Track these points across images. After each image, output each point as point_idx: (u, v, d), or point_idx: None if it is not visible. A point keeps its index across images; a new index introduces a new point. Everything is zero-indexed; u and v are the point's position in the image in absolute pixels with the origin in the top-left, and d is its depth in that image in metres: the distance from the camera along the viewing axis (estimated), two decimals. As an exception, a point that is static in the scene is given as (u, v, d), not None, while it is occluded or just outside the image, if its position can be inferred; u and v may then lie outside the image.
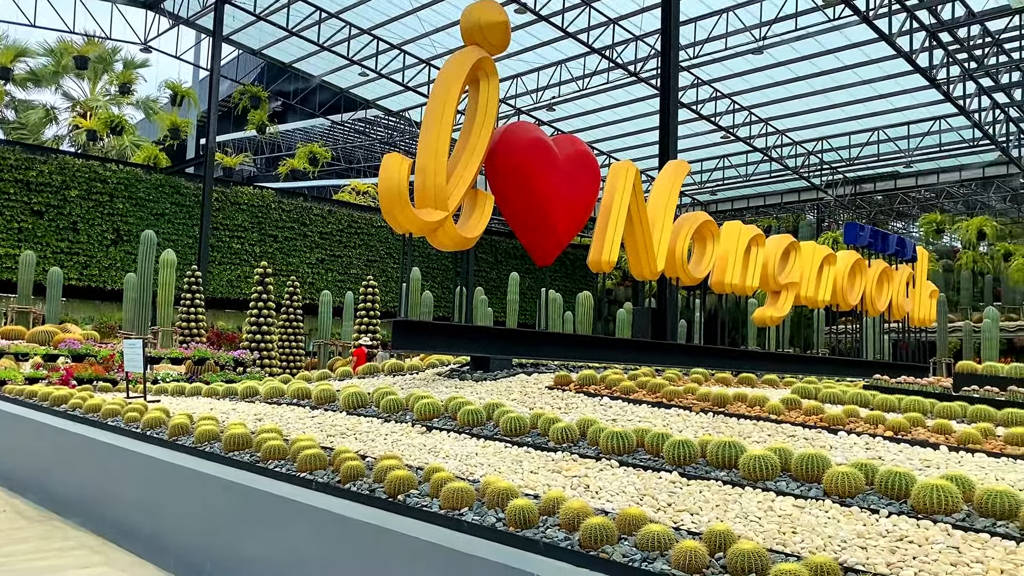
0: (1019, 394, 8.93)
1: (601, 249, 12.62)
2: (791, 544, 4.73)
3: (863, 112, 31.44)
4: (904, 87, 28.19)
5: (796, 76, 28.91)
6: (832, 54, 26.67)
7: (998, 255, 37.11)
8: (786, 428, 7.47)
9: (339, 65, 32.84)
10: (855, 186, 39.18)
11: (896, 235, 20.15)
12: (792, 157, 36.36)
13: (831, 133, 34.46)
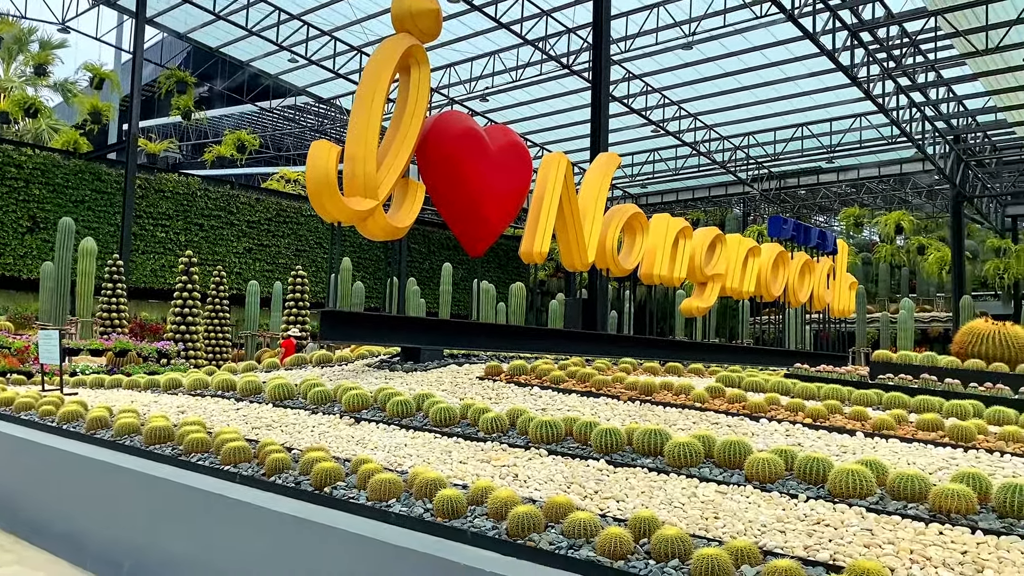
0: (931, 382, 9.30)
1: (533, 240, 12.66)
2: (713, 529, 4.84)
3: (788, 108, 32.23)
4: (827, 85, 29.00)
5: (724, 72, 29.46)
6: (759, 51, 27.25)
7: (914, 248, 38.57)
8: (710, 416, 7.63)
9: (268, 51, 32.12)
10: (780, 181, 40.18)
11: (817, 228, 20.74)
12: (720, 152, 37.08)
13: (757, 129, 35.24)
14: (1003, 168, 36.10)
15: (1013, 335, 10.18)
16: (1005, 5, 21.30)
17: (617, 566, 4.33)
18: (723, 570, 4.07)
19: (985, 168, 35.00)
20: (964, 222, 34.29)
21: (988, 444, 6.62)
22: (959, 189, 31.99)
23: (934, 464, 6.10)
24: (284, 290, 26.65)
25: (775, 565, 4.01)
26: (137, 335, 22.99)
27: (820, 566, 4.27)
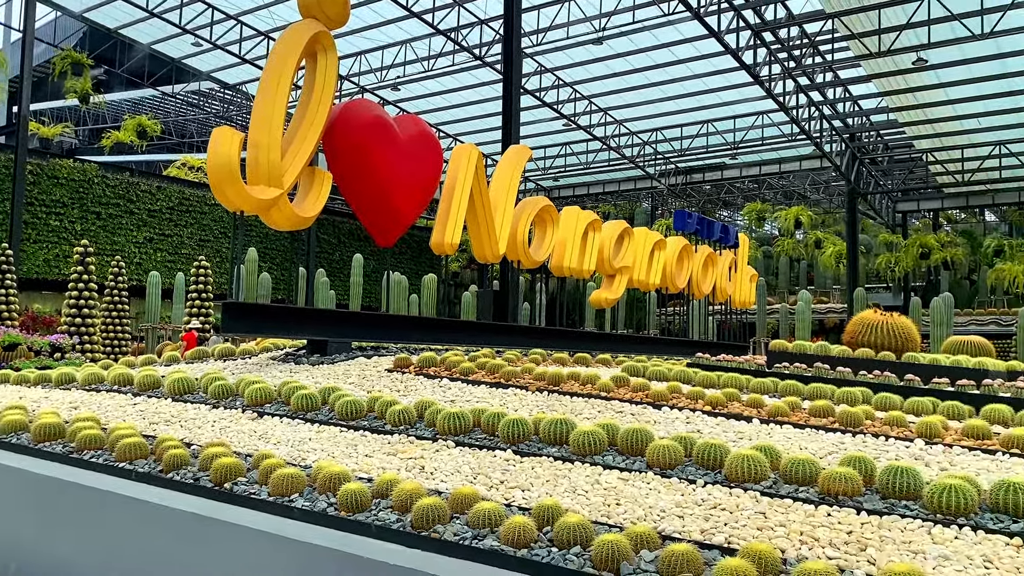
0: (824, 370, 9.72)
1: (444, 231, 12.62)
2: (615, 515, 4.94)
3: (694, 105, 33.04)
4: (731, 82, 29.84)
5: (633, 68, 29.97)
6: (667, 48, 27.83)
7: (812, 243, 40.17)
8: (615, 404, 7.78)
9: (171, 33, 30.94)
10: (686, 176, 41.19)
11: (720, 223, 21.38)
12: (629, 147, 37.73)
13: (665, 124, 36.00)
14: (894, 166, 37.97)
15: (900, 325, 10.73)
16: (896, 10, 22.35)
17: (520, 554, 4.37)
18: (623, 555, 4.16)
19: (878, 166, 36.72)
20: (858, 217, 35.91)
21: (874, 429, 6.96)
22: (854, 186, 33.46)
23: (824, 449, 6.38)
24: (187, 282, 25.83)
25: (672, 549, 4.12)
26: (29, 328, 21.89)
27: (716, 549, 4.41)
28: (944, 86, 26.72)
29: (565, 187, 44.96)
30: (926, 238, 35.87)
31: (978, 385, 9.14)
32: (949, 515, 4.85)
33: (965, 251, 36.50)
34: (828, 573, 3.81)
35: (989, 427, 6.92)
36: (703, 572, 4.08)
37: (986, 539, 4.58)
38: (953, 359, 10.28)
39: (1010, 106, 28.11)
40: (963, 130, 30.90)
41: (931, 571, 4.15)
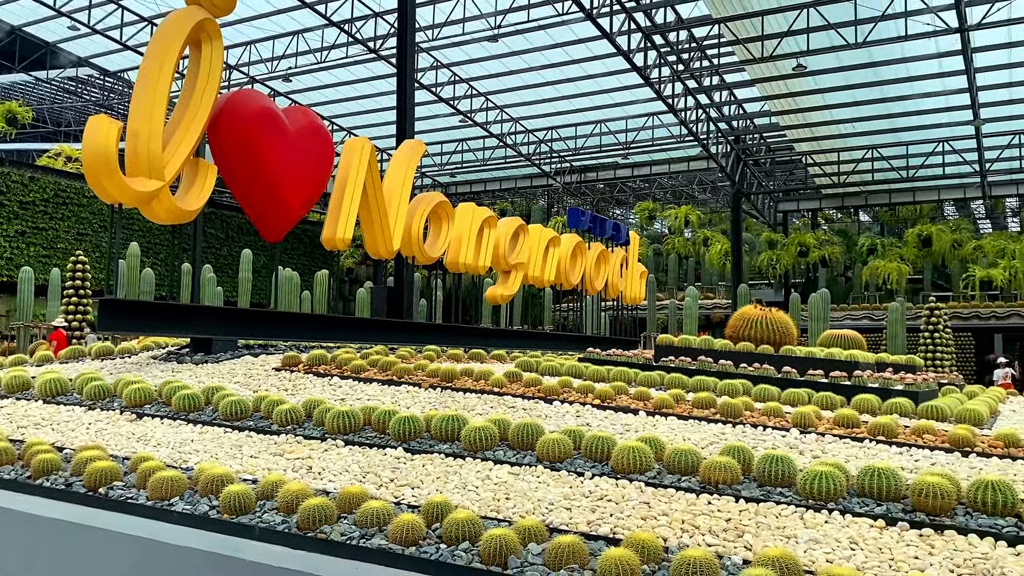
0: (707, 363, 10.06)
1: (336, 226, 12.41)
2: (504, 510, 4.97)
3: (588, 105, 33.59)
4: (623, 84, 30.49)
5: (529, 67, 30.21)
6: (561, 48, 28.18)
7: (699, 241, 41.54)
8: (508, 400, 7.84)
9: (44, 15, 29.20)
10: (581, 174, 41.84)
11: (613, 220, 21.83)
12: (525, 144, 38.04)
13: (560, 123, 36.46)
14: (776, 168, 39.66)
15: (778, 320, 11.22)
16: (778, 18, 23.33)
17: (409, 552, 4.35)
18: (510, 549, 4.19)
19: (761, 167, 38.27)
20: (742, 217, 37.32)
21: (753, 419, 7.25)
22: (738, 186, 34.76)
23: (707, 439, 6.60)
24: (63, 277, 24.46)
25: (559, 541, 4.18)
26: None
27: (601, 540, 4.51)
28: (822, 92, 28.07)
29: (462, 183, 44.95)
30: (805, 237, 37.63)
31: (849, 376, 9.65)
32: (820, 500, 5.11)
33: (841, 249, 38.48)
34: (707, 559, 3.95)
35: (858, 416, 7.32)
36: (589, 563, 4.16)
37: (853, 522, 4.84)
38: (827, 352, 10.83)
39: (882, 112, 29.79)
40: (839, 134, 32.56)
41: (802, 554, 4.35)
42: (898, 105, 28.97)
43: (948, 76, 25.48)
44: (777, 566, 3.90)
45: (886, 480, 5.16)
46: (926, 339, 25.73)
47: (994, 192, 35.09)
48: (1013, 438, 6.67)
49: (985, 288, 32.88)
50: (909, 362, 12.53)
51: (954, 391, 11.31)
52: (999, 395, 12.35)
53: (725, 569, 4.11)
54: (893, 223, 43.92)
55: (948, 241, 35.92)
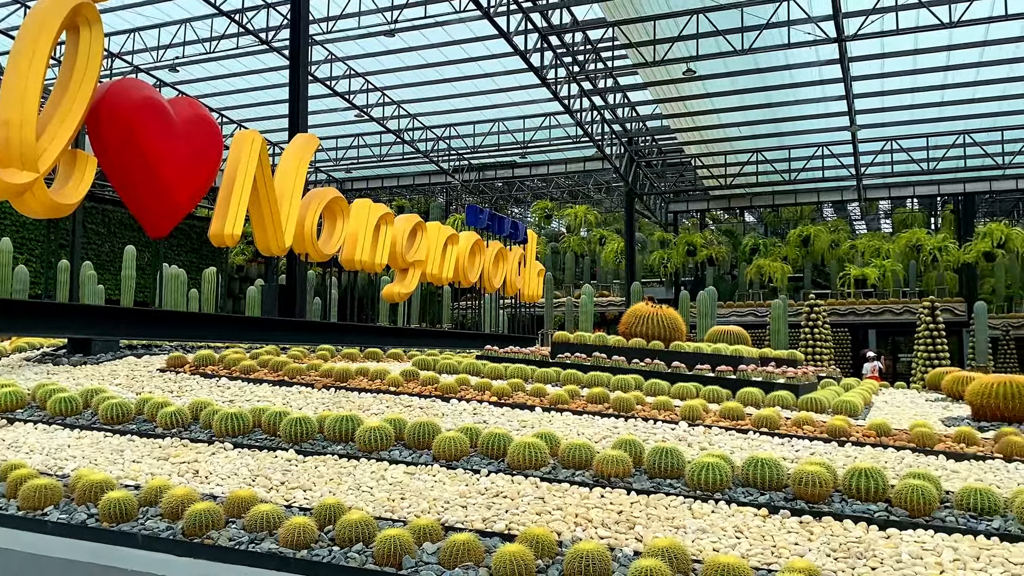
0: (601, 359, 10.25)
1: (224, 221, 11.98)
2: (400, 510, 4.93)
3: (486, 103, 33.65)
4: (521, 83, 30.67)
5: (427, 63, 30.01)
6: (459, 45, 28.12)
7: (595, 240, 42.30)
8: (404, 399, 7.77)
9: (-101, -9, 27.10)
10: (479, 172, 41.90)
11: (511, 219, 21.94)
12: (423, 141, 37.80)
13: (458, 121, 36.39)
14: (667, 169, 40.75)
15: (668, 316, 11.54)
16: (670, 23, 23.98)
17: (300, 555, 4.25)
18: (405, 549, 4.16)
19: (653, 169, 39.25)
20: (635, 217, 38.20)
21: (644, 413, 7.43)
22: (631, 187, 35.56)
23: (600, 433, 6.73)
24: (-77, 274, 22.80)
25: (454, 540, 4.17)
26: None
27: (497, 536, 4.52)
28: (710, 96, 29.01)
29: (358, 179, 44.28)
30: (693, 237, 38.84)
31: (735, 370, 10.02)
32: (707, 491, 5.28)
33: (727, 249, 39.90)
34: (599, 552, 4.02)
35: (743, 409, 7.60)
36: (484, 560, 4.16)
37: (738, 511, 5.03)
38: (714, 347, 11.21)
39: (766, 117, 31.03)
40: (726, 138, 33.73)
41: (690, 544, 4.49)
42: (781, 110, 30.24)
43: (827, 84, 26.76)
44: (666, 556, 4.01)
45: (769, 470, 5.38)
46: (806, 335, 26.99)
47: (868, 195, 37.08)
48: (884, 428, 7.07)
49: (860, 286, 34.74)
50: (791, 357, 13.12)
51: (832, 384, 11.90)
52: (873, 387, 13.08)
53: (617, 561, 4.19)
54: (776, 224, 45.86)
55: (826, 241, 37.76)
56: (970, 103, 28.35)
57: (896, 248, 35.42)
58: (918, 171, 33.64)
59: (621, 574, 4.02)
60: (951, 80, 26.57)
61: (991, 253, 33.73)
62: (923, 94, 27.85)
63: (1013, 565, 4.32)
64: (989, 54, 24.49)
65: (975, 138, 31.41)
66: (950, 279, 36.36)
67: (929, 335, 25.07)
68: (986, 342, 28.57)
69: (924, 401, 11.85)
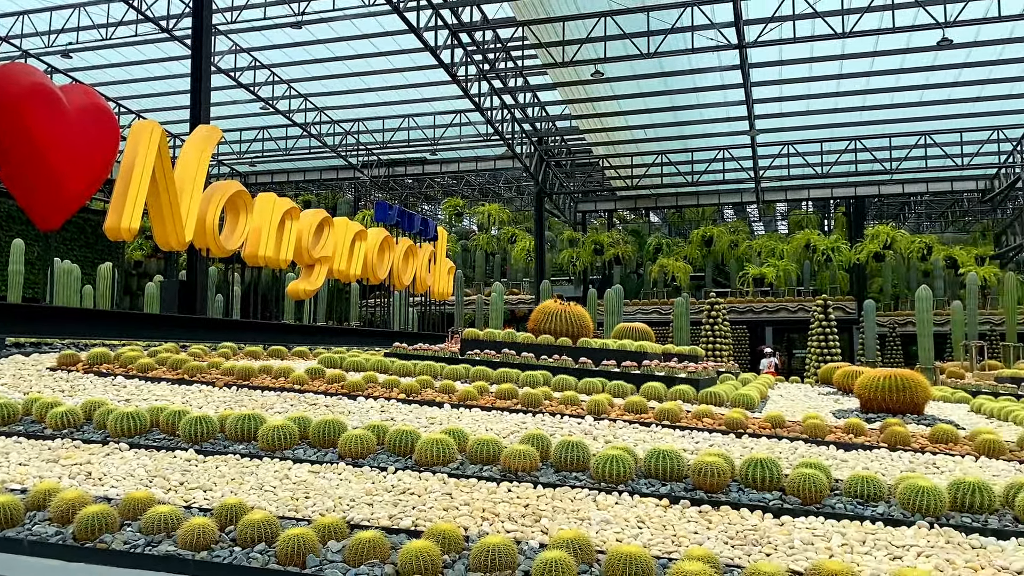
0: (511, 355, 10.32)
1: (120, 215, 11.55)
2: (303, 509, 4.85)
3: (396, 99, 33.37)
4: (431, 80, 30.56)
5: (335, 56, 29.55)
6: (368, 39, 27.79)
7: (506, 238, 42.53)
8: (309, 397, 7.65)
9: None
10: (389, 168, 41.55)
11: (420, 216, 21.85)
12: (331, 135, 37.21)
13: (367, 116, 35.98)
14: (576, 170, 41.33)
15: (576, 313, 11.72)
16: (578, 24, 24.31)
17: (200, 557, 4.14)
18: (309, 548, 4.10)
19: (562, 168, 39.73)
20: (545, 215, 38.60)
21: (552, 408, 7.53)
22: (541, 186, 35.92)
23: (508, 428, 6.78)
24: None
25: (359, 537, 4.13)
26: None
27: (403, 533, 4.51)
28: (617, 98, 29.58)
29: (263, 173, 43.26)
30: (600, 236, 39.53)
31: (639, 365, 10.26)
32: (612, 483, 5.39)
33: (633, 248, 40.77)
34: (505, 545, 4.05)
35: (646, 402, 7.79)
36: (390, 556, 4.14)
37: (641, 502, 5.15)
38: (619, 343, 11.44)
39: (671, 120, 31.85)
40: (632, 139, 34.46)
41: (595, 535, 4.57)
42: (685, 114, 31.10)
43: (729, 89, 27.66)
44: (571, 548, 4.08)
45: (670, 461, 5.54)
46: (707, 331, 27.84)
47: (766, 197, 38.52)
48: (779, 420, 7.37)
49: (759, 285, 36.05)
50: (692, 352, 13.50)
51: (731, 378, 12.31)
52: (769, 381, 13.60)
53: (523, 554, 4.23)
54: (680, 224, 47.11)
55: (727, 242, 39.02)
56: (861, 110, 29.81)
57: (791, 249, 36.89)
58: (812, 175, 35.15)
59: (527, 566, 4.06)
60: (843, 88, 27.85)
61: (880, 254, 35.52)
62: (817, 101, 29.11)
63: (895, 548, 4.57)
64: (878, 64, 25.78)
65: (865, 144, 33.01)
66: (842, 278, 38.12)
67: (822, 332, 26.21)
68: (875, 339, 30.08)
69: (817, 395, 12.40)
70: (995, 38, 23.55)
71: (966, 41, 23.31)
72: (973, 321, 28.57)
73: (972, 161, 33.46)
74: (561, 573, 3.84)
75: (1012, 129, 31.01)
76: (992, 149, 32.78)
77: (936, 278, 37.28)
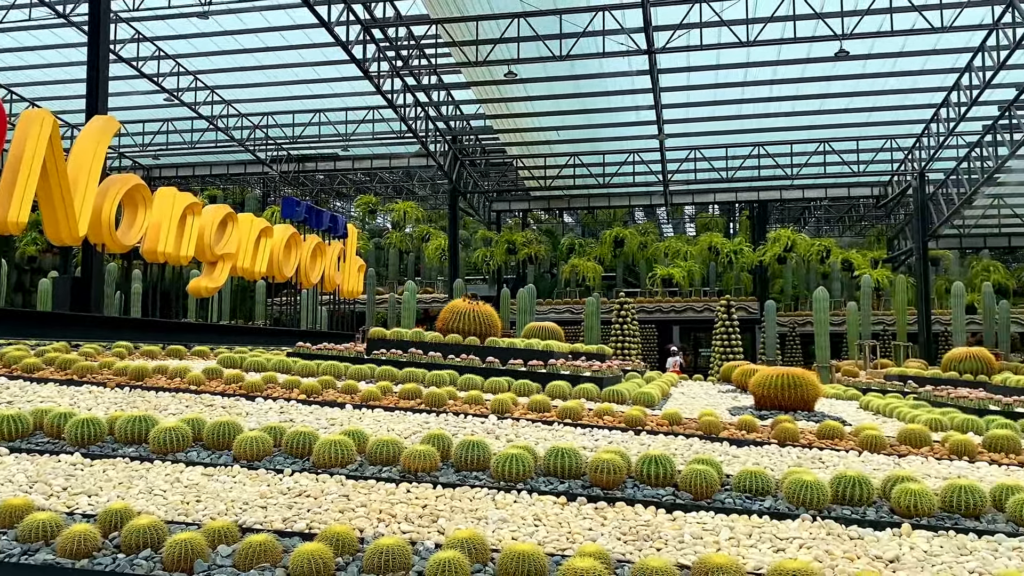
0: (418, 355, 10.28)
1: (8, 208, 10.98)
2: (194, 513, 4.73)
3: (307, 93, 32.73)
4: (343, 74, 30.08)
5: (244, 48, 28.78)
6: (278, 32, 27.17)
7: (419, 236, 42.28)
8: (206, 398, 7.45)
9: None
10: (299, 164, 40.74)
11: (330, 212, 21.48)
12: (239, 129, 36.24)
13: (277, 109, 35.17)
14: (491, 169, 41.44)
15: (484, 313, 11.76)
16: (492, 24, 24.37)
17: (80, 565, 3.98)
18: (197, 553, 4.00)
19: (477, 168, 39.77)
20: (459, 214, 38.56)
21: (456, 408, 7.54)
22: (455, 185, 35.87)
23: (411, 429, 6.75)
24: None
25: (249, 541, 4.05)
26: None
27: (297, 536, 4.44)
28: (531, 99, 29.77)
29: (167, 167, 41.81)
30: (514, 236, 39.75)
31: (545, 364, 10.37)
32: (511, 481, 5.44)
33: (547, 248, 41.14)
34: (399, 546, 4.04)
35: (550, 401, 7.88)
36: (281, 560, 4.08)
37: (539, 500, 5.22)
38: (527, 342, 11.54)
39: (583, 122, 32.25)
40: (546, 140, 34.75)
41: (491, 534, 4.61)
42: (597, 117, 31.54)
43: (638, 93, 28.19)
44: (465, 547, 4.10)
45: (569, 459, 5.62)
46: (617, 331, 28.34)
47: (674, 200, 39.43)
48: (676, 417, 7.57)
49: (667, 285, 36.91)
50: (600, 351, 13.72)
51: (636, 376, 12.58)
52: (673, 380, 13.95)
53: (418, 554, 4.23)
54: (593, 225, 47.78)
55: (636, 243, 39.78)
56: (764, 117, 30.83)
57: (697, 251, 37.89)
58: (718, 179, 36.17)
59: (422, 567, 4.06)
60: (748, 95, 28.75)
61: (782, 256, 36.85)
62: (723, 107, 29.97)
63: (779, 540, 4.76)
64: (781, 73, 26.72)
65: (768, 150, 34.18)
66: (746, 280, 39.38)
67: (725, 331, 27.02)
68: (775, 338, 31.17)
69: (717, 392, 12.78)
70: (888, 51, 24.74)
71: (862, 53, 24.40)
72: (867, 321, 29.93)
73: (867, 168, 35.03)
74: (454, 573, 3.86)
75: (904, 139, 32.62)
76: (885, 157, 34.40)
77: (834, 280, 38.93)
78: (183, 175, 42.13)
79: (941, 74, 26.32)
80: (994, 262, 39.63)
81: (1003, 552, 4.64)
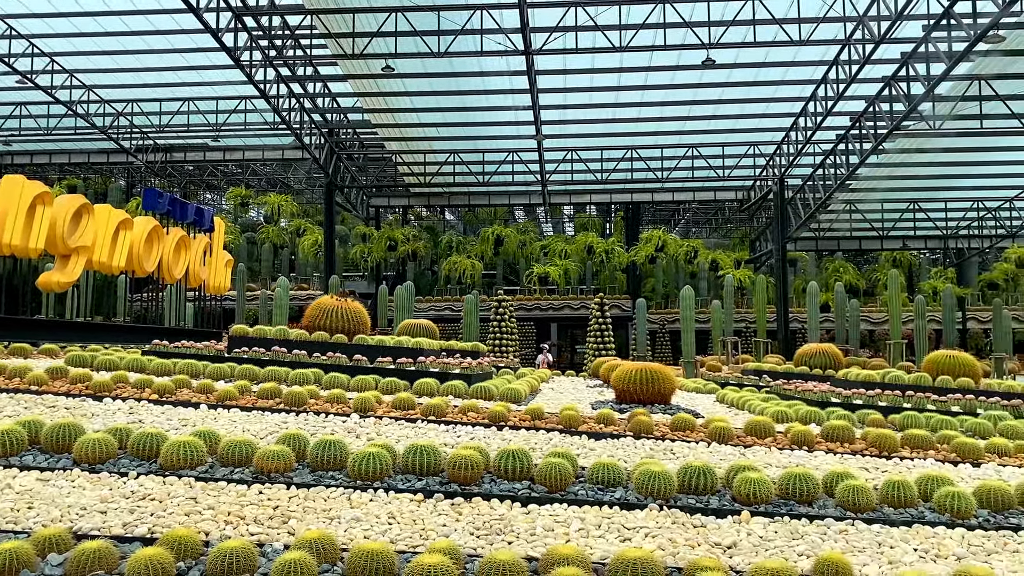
0: (281, 353, 10.06)
1: None
2: (25, 520, 4.48)
3: (174, 80, 31.35)
4: (214, 63, 28.95)
5: (106, 31, 27.27)
6: (144, 16, 25.90)
7: (294, 231, 41.27)
8: (48, 399, 7.05)
9: None
10: (167, 154, 39.01)
11: (195, 204, 20.65)
12: (100, 116, 34.33)
13: (143, 97, 33.53)
14: (369, 164, 40.91)
15: (352, 310, 11.62)
16: (369, 17, 24.06)
17: None
18: (23, 563, 3.80)
19: (354, 162, 39.17)
20: (336, 209, 37.89)
21: (317, 407, 7.43)
22: (332, 179, 35.21)
23: (268, 429, 6.61)
24: None
25: (83, 548, 3.88)
26: None
27: (137, 541, 4.28)
28: (409, 95, 29.58)
29: (20, 154, 39.19)
30: (394, 232, 39.42)
31: (415, 362, 10.35)
32: (368, 480, 5.41)
33: (427, 245, 41.00)
34: (244, 549, 3.96)
35: (415, 399, 7.88)
36: (118, 566, 3.92)
37: (396, 498, 5.22)
38: (396, 340, 11.49)
39: (462, 120, 32.32)
40: (425, 136, 34.62)
41: (343, 533, 4.57)
42: (476, 115, 31.68)
43: (517, 93, 28.49)
44: (314, 548, 4.05)
45: (427, 456, 5.65)
46: (495, 328, 28.60)
47: (552, 200, 40.09)
48: (538, 412, 7.72)
49: (544, 283, 37.50)
50: (474, 348, 13.81)
51: (508, 373, 12.74)
52: (545, 375, 14.22)
53: (265, 556, 4.16)
54: (474, 222, 47.96)
55: (516, 241, 40.24)
56: (636, 122, 31.78)
57: (574, 250, 38.69)
58: (594, 180, 37.01)
59: (268, 569, 3.99)
60: (621, 100, 29.56)
61: (653, 256, 38.10)
62: (598, 110, 30.69)
63: (627, 530, 4.94)
64: (652, 79, 27.59)
65: (640, 154, 35.25)
66: (620, 278, 40.49)
67: (599, 328, 27.71)
68: (646, 334, 32.21)
69: (586, 387, 13.12)
70: (752, 61, 25.97)
71: (727, 63, 25.52)
72: (730, 319, 31.35)
73: (732, 173, 36.69)
74: (300, 574, 3.81)
75: (766, 146, 34.34)
76: (749, 163, 36.12)
77: (701, 279, 40.58)
78: (39, 163, 39.64)
79: (800, 85, 27.87)
80: (846, 264, 42.35)
81: (831, 536, 4.98)
